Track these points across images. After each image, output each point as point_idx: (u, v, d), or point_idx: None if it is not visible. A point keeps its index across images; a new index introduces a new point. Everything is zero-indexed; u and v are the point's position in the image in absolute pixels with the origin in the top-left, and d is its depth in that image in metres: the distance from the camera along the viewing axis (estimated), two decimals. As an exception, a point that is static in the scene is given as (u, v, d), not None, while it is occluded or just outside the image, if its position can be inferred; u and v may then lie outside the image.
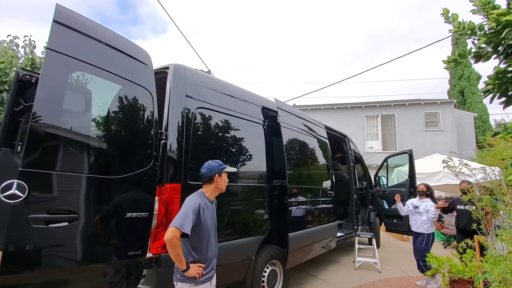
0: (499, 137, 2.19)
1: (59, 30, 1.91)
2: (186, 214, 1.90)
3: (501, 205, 3.23)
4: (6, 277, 1.65)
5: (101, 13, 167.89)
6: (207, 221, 2.03)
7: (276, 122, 3.92)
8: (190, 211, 1.92)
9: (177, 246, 1.83)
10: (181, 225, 1.84)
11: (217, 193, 2.19)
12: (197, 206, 1.98)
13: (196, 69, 3.26)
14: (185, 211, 1.92)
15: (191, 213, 1.91)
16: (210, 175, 2.11)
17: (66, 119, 1.94)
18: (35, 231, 1.72)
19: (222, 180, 2.15)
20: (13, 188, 1.63)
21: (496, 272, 2.38)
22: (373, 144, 16.31)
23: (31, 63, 6.75)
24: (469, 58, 2.12)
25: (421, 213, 4.57)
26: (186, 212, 1.91)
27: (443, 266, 3.45)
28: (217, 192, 2.18)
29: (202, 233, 2.01)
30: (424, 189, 4.73)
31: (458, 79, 20.68)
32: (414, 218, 4.68)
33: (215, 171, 2.11)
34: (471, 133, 17.05)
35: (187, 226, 1.85)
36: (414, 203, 4.76)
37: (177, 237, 1.82)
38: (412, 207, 4.75)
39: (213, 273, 2.11)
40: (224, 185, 2.17)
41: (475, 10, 2.11)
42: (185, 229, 1.84)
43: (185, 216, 1.89)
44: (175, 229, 1.82)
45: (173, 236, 1.80)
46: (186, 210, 1.93)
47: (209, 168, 2.12)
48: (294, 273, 4.77)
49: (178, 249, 1.84)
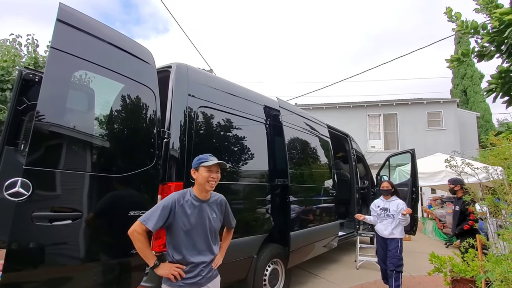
0: (502, 137, 2.18)
1: (63, 29, 1.92)
2: (155, 210, 1.80)
3: (503, 204, 3.22)
4: (10, 274, 1.67)
5: (104, 13, 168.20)
6: (190, 220, 1.85)
7: (278, 121, 3.92)
8: (159, 207, 1.81)
9: (138, 240, 1.74)
10: (145, 219, 1.75)
11: (201, 190, 1.92)
12: (170, 202, 1.83)
13: (198, 68, 3.27)
14: (156, 207, 1.83)
15: (160, 209, 1.80)
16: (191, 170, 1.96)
17: (70, 117, 1.96)
18: (39, 229, 1.74)
19: (199, 176, 1.89)
20: (17, 186, 1.64)
21: (497, 271, 2.37)
22: (375, 143, 16.28)
23: (34, 62, 6.79)
24: (472, 57, 2.11)
25: (393, 216, 3.94)
26: (156, 208, 1.81)
27: (445, 265, 3.45)
28: (200, 188, 1.91)
29: (178, 232, 1.84)
30: (389, 187, 4.12)
31: (461, 78, 20.59)
32: (385, 222, 4.01)
33: (193, 165, 1.94)
34: (473, 133, 16.98)
35: (150, 221, 1.75)
36: (381, 205, 4.13)
37: (138, 231, 1.73)
38: (380, 210, 4.10)
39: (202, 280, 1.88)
40: (203, 181, 1.88)
41: (478, 9, 2.10)
42: (148, 224, 1.74)
43: (152, 212, 1.79)
44: (137, 223, 1.75)
45: (133, 230, 1.74)
46: (157, 206, 1.83)
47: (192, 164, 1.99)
48: (296, 272, 4.78)
49: (139, 243, 1.74)
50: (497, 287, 2.34)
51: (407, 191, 5.95)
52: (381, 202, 4.17)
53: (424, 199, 13.08)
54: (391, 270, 3.80)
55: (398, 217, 3.86)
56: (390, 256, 3.86)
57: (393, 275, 3.77)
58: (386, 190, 4.12)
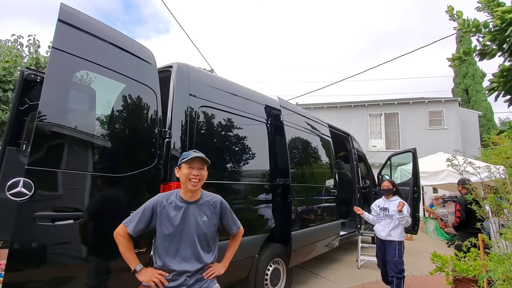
0: (504, 135, 2.17)
1: (64, 29, 1.93)
2: (137, 212, 1.74)
3: (506, 203, 3.21)
4: (12, 274, 1.67)
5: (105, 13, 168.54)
6: (173, 223, 1.70)
7: (279, 121, 3.92)
8: (141, 209, 1.74)
9: (119, 242, 1.69)
10: (127, 221, 1.71)
11: (185, 191, 1.77)
12: (152, 204, 1.73)
13: (199, 67, 3.27)
14: (138, 209, 1.75)
15: (140, 211, 1.73)
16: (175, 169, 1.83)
17: (71, 118, 1.96)
18: (41, 229, 1.74)
19: (181, 174, 1.75)
20: (19, 186, 1.65)
21: (500, 270, 2.37)
22: (377, 143, 16.24)
23: (35, 63, 6.81)
24: (474, 55, 2.11)
25: (392, 216, 3.76)
26: (138, 210, 1.74)
27: (447, 265, 3.44)
28: (184, 188, 1.77)
29: (160, 237, 1.71)
30: (390, 187, 3.94)
31: (462, 77, 20.52)
32: (383, 222, 3.85)
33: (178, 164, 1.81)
34: (475, 132, 16.91)
35: (131, 224, 1.69)
36: (381, 205, 3.98)
37: (120, 233, 1.69)
38: (379, 210, 3.95)
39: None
40: (185, 179, 1.73)
41: (480, 8, 2.09)
42: (129, 226, 1.69)
43: (135, 214, 1.73)
44: (120, 225, 1.72)
45: (116, 232, 1.71)
46: (140, 208, 1.75)
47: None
48: (297, 272, 4.78)
49: (121, 246, 1.68)
50: (499, 286, 2.33)
51: (409, 190, 5.94)
52: (382, 201, 4.03)
53: (426, 198, 13.05)
54: (391, 276, 3.61)
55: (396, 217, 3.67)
56: (389, 261, 3.67)
57: (394, 281, 3.58)
58: (386, 189, 3.96)
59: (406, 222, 3.61)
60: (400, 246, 3.67)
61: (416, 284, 4.52)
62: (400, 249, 3.65)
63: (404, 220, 3.58)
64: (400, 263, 3.60)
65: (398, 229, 3.70)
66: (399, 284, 3.54)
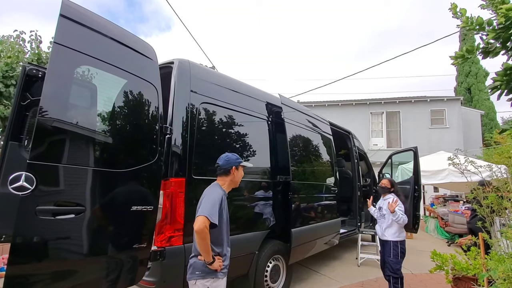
0: (507, 134, 2.14)
1: (66, 24, 1.92)
2: (213, 204, 1.85)
3: (507, 202, 3.20)
4: (14, 267, 1.69)
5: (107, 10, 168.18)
6: (227, 214, 2.05)
7: (280, 118, 3.91)
8: (216, 201, 1.88)
9: (208, 236, 1.79)
10: (210, 214, 1.79)
11: (231, 187, 2.15)
12: (221, 197, 1.95)
13: (201, 64, 3.26)
14: (212, 201, 1.87)
15: (217, 203, 1.88)
16: (227, 167, 2.08)
17: (73, 113, 1.96)
18: (43, 223, 1.75)
19: (239, 174, 2.13)
20: (21, 180, 1.65)
21: (500, 269, 2.36)
22: (378, 141, 16.21)
23: (37, 58, 6.81)
24: (477, 54, 2.09)
25: (384, 215, 3.68)
26: (214, 202, 1.86)
27: (447, 263, 3.45)
28: (232, 185, 2.14)
29: (222, 226, 1.97)
30: (386, 185, 3.79)
31: (465, 76, 20.41)
32: (379, 222, 3.80)
33: (232, 163, 2.09)
34: (477, 131, 16.85)
35: (215, 216, 1.81)
36: (379, 204, 3.88)
37: (207, 226, 1.77)
38: (378, 209, 3.88)
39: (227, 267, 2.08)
40: (240, 179, 2.15)
41: (484, 5, 2.07)
42: (214, 219, 1.80)
43: (212, 206, 1.84)
44: (205, 219, 1.76)
45: (204, 227, 1.75)
46: (213, 201, 1.88)
47: (227, 160, 2.10)
48: (297, 269, 4.80)
49: (208, 240, 1.80)
50: (499, 285, 2.33)
51: (409, 189, 5.93)
52: (380, 200, 3.91)
53: (427, 197, 13.04)
54: (387, 275, 3.59)
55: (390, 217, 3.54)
56: (385, 260, 3.65)
57: (390, 280, 3.55)
58: (382, 187, 3.82)
59: (403, 221, 3.48)
60: (396, 246, 3.54)
61: (416, 283, 4.53)
62: (396, 249, 3.53)
63: (400, 220, 3.45)
64: (395, 263, 3.51)
65: (392, 229, 3.59)
66: (396, 283, 3.50)
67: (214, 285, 1.91)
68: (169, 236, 2.43)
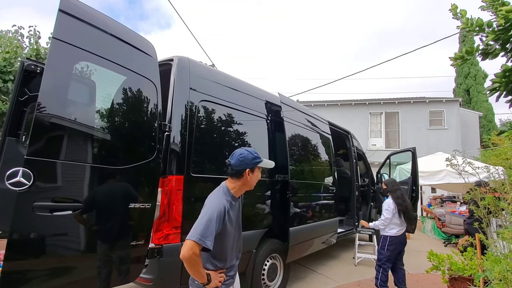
0: (505, 136, 2.16)
1: (65, 19, 1.91)
2: (208, 223, 1.52)
3: (504, 203, 3.21)
4: (11, 263, 1.68)
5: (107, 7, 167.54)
6: (233, 224, 1.70)
7: (279, 117, 3.91)
8: (213, 218, 1.54)
9: (196, 263, 1.51)
10: (201, 238, 1.47)
11: (244, 190, 1.79)
12: (222, 211, 1.59)
13: (201, 62, 3.25)
14: (207, 219, 1.54)
15: (214, 221, 1.53)
16: (240, 168, 1.68)
17: (71, 109, 1.95)
18: (40, 219, 1.74)
19: (254, 177, 1.72)
20: (18, 175, 1.65)
21: (496, 270, 2.38)
22: (376, 142, 16.25)
23: (35, 54, 6.78)
24: (477, 55, 2.09)
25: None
26: (209, 220, 1.53)
27: (444, 263, 3.46)
28: (245, 189, 1.77)
29: (227, 240, 1.67)
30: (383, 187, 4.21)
31: (464, 77, 20.46)
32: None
33: (247, 164, 1.69)
34: (475, 132, 16.91)
35: (209, 239, 1.49)
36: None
37: (196, 253, 1.48)
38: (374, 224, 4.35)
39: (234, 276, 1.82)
40: (255, 182, 1.75)
41: (484, 7, 2.07)
42: (207, 243, 1.48)
43: (207, 226, 1.51)
44: (194, 244, 1.46)
45: (191, 254, 1.46)
46: (209, 217, 1.54)
47: (241, 159, 1.69)
48: (294, 267, 4.81)
49: (198, 266, 1.53)
50: (495, 285, 2.34)
51: (407, 189, 5.95)
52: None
53: (424, 198, 13.09)
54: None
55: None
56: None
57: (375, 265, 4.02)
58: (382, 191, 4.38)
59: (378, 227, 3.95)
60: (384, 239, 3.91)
61: (412, 282, 4.55)
62: (383, 242, 3.91)
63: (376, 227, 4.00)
64: (380, 253, 3.93)
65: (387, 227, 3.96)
66: (378, 270, 3.89)
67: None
68: (166, 233, 2.43)
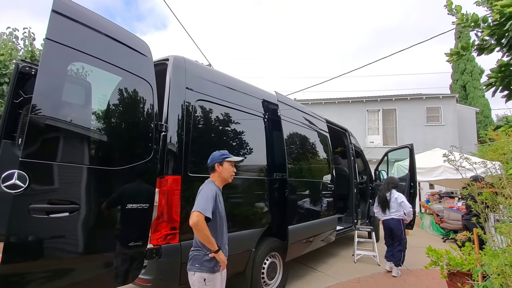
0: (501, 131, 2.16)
1: (58, 20, 1.89)
2: (206, 200, 1.98)
3: (501, 198, 3.22)
4: (8, 266, 1.67)
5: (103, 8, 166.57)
6: (222, 207, 2.16)
7: (277, 115, 3.90)
8: (209, 196, 2.00)
9: (205, 228, 1.90)
10: (203, 209, 1.92)
11: (223, 183, 2.24)
12: (214, 192, 2.06)
13: (197, 61, 3.24)
14: (205, 197, 2.00)
15: (210, 198, 1.99)
16: (211, 164, 2.21)
17: (66, 110, 1.94)
18: (36, 221, 1.73)
19: (224, 169, 2.20)
20: (14, 178, 1.63)
21: (494, 264, 2.39)
22: (374, 139, 16.28)
23: (30, 55, 6.73)
24: (472, 50, 2.09)
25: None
26: (207, 198, 1.99)
27: (442, 259, 3.47)
28: (222, 181, 2.22)
29: (219, 220, 2.10)
30: None
31: (460, 73, 20.53)
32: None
33: (215, 160, 2.20)
34: (472, 128, 17.00)
35: (208, 211, 1.93)
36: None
37: (202, 220, 1.89)
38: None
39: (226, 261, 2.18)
40: (227, 174, 2.21)
41: (479, 2, 2.08)
42: (207, 213, 1.92)
43: (206, 201, 1.96)
44: (198, 213, 1.89)
45: (198, 220, 1.87)
46: (206, 196, 2.00)
47: (212, 157, 2.23)
48: (294, 266, 4.81)
49: (206, 231, 1.91)
50: (493, 280, 2.35)
51: (405, 186, 5.97)
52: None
53: (422, 194, 13.15)
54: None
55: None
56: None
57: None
58: None
59: None
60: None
61: (411, 278, 4.57)
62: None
63: None
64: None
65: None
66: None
67: (211, 278, 2.02)
68: (165, 234, 2.42)
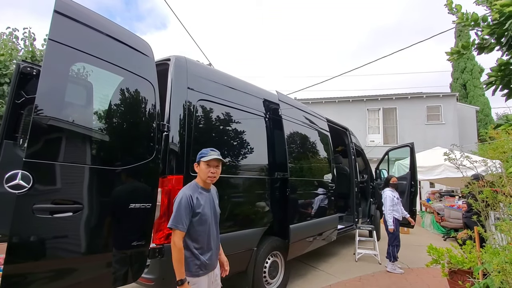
0: (501, 129, 2.16)
1: (60, 20, 1.90)
2: (177, 212, 1.93)
3: (501, 196, 3.23)
4: (12, 266, 1.68)
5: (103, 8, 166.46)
6: (205, 210, 2.02)
7: (278, 115, 3.91)
8: (181, 207, 1.93)
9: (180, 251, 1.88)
10: (175, 223, 1.90)
11: (205, 181, 2.07)
12: (185, 198, 1.95)
13: (198, 61, 3.25)
14: (176, 208, 1.94)
15: (182, 207, 1.93)
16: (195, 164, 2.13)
17: (69, 111, 1.95)
18: (40, 221, 1.74)
19: (200, 170, 2.06)
20: (17, 178, 1.64)
21: (495, 262, 2.40)
22: (374, 138, 16.29)
23: (31, 56, 6.73)
24: (472, 49, 2.10)
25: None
26: (177, 209, 1.93)
27: (443, 257, 3.49)
28: (203, 179, 2.07)
29: (201, 222, 2.00)
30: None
31: (460, 72, 20.53)
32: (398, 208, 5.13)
33: (196, 160, 2.10)
34: (473, 127, 17.00)
35: (180, 223, 1.90)
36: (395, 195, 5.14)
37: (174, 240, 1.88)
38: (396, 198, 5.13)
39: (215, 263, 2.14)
40: (204, 175, 2.04)
41: (479, 1, 2.08)
42: (179, 227, 1.89)
43: (177, 215, 1.92)
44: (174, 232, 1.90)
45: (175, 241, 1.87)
46: (176, 207, 1.94)
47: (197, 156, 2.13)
48: (295, 265, 4.83)
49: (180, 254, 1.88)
50: (494, 277, 2.36)
51: (406, 184, 5.98)
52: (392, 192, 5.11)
53: (423, 193, 13.16)
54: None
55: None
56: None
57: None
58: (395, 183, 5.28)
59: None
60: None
61: (412, 277, 4.59)
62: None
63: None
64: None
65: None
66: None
67: (194, 281, 1.96)
68: (167, 233, 2.43)
